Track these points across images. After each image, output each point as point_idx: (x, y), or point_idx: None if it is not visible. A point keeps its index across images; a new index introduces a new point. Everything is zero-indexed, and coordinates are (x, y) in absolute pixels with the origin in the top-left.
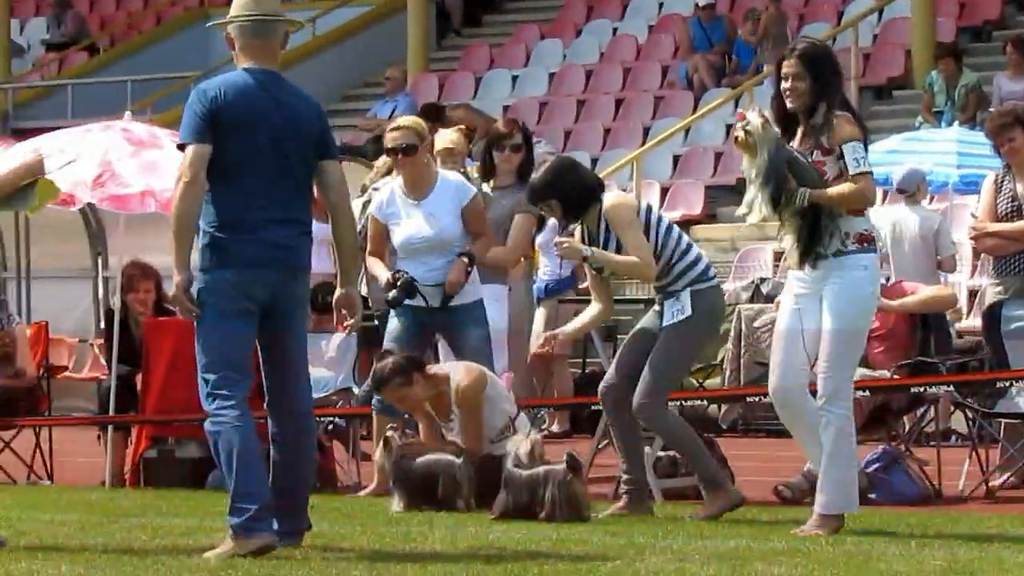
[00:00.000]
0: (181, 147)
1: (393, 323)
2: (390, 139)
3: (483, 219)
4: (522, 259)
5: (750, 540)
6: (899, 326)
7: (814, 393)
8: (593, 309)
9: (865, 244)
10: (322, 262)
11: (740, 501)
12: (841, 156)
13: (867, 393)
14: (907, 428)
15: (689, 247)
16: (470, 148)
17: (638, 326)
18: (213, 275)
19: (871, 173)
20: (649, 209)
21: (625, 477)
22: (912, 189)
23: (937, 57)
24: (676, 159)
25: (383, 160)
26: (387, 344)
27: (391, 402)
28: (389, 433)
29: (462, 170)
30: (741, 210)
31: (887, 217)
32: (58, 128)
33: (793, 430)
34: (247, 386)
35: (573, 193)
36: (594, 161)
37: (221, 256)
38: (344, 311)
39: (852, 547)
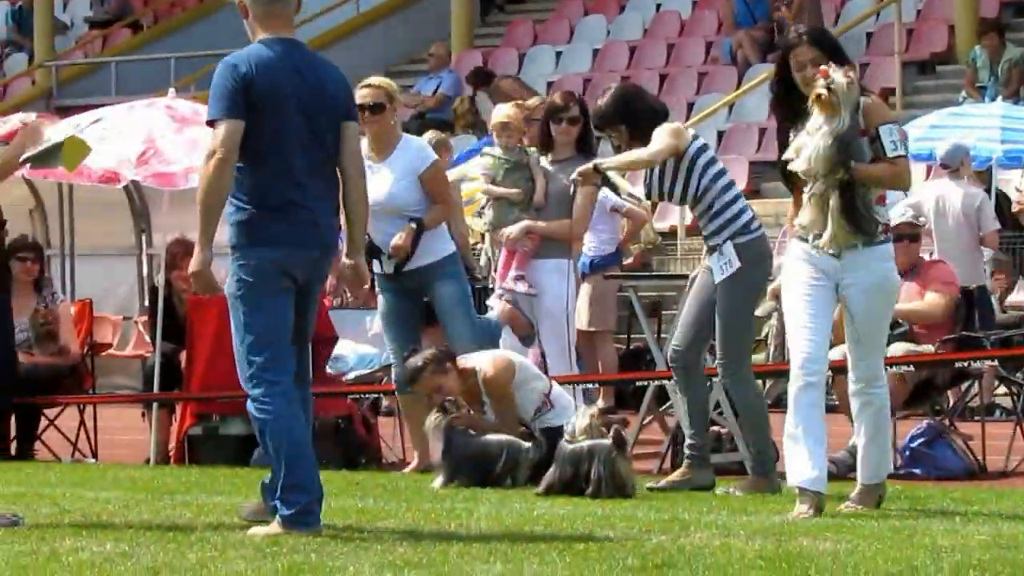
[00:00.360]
0: (211, 123)
1: (381, 302)
2: (359, 96)
3: (443, 186)
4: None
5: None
6: None
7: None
8: None
9: (887, 233)
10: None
11: (778, 490)
12: (876, 137)
13: (911, 368)
14: (951, 403)
15: (735, 199)
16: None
17: (691, 291)
18: (253, 253)
19: (907, 156)
20: (702, 149)
21: (689, 443)
22: (956, 164)
23: (980, 32)
24: (720, 135)
25: (429, 135)
26: (384, 325)
27: (426, 394)
28: (435, 415)
29: (519, 145)
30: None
31: (931, 192)
32: (102, 105)
33: (815, 415)
34: (292, 367)
35: (641, 117)
36: None
37: (261, 235)
38: (351, 283)
39: (897, 522)
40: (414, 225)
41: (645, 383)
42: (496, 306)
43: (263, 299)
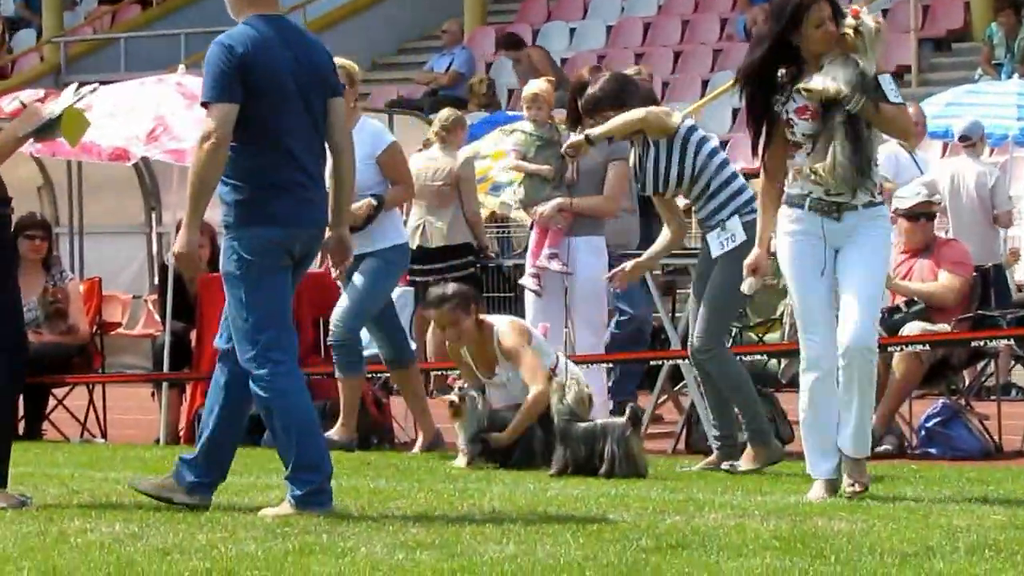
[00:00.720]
0: (204, 104)
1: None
2: None
3: (400, 168)
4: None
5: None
6: None
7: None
8: (665, 234)
9: (883, 195)
10: None
11: (780, 456)
12: (877, 87)
13: (927, 347)
14: (967, 382)
15: (733, 176)
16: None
17: (694, 278)
18: (254, 232)
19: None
20: (693, 128)
21: (716, 433)
22: (976, 137)
23: (997, 9)
24: (735, 112)
25: (447, 112)
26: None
27: (441, 325)
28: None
29: (549, 121)
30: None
31: (946, 169)
32: (111, 82)
33: (829, 404)
34: (295, 345)
35: (632, 105)
36: None
37: (262, 214)
38: (335, 253)
39: (912, 502)
40: (375, 201)
41: (659, 362)
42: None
43: (265, 277)
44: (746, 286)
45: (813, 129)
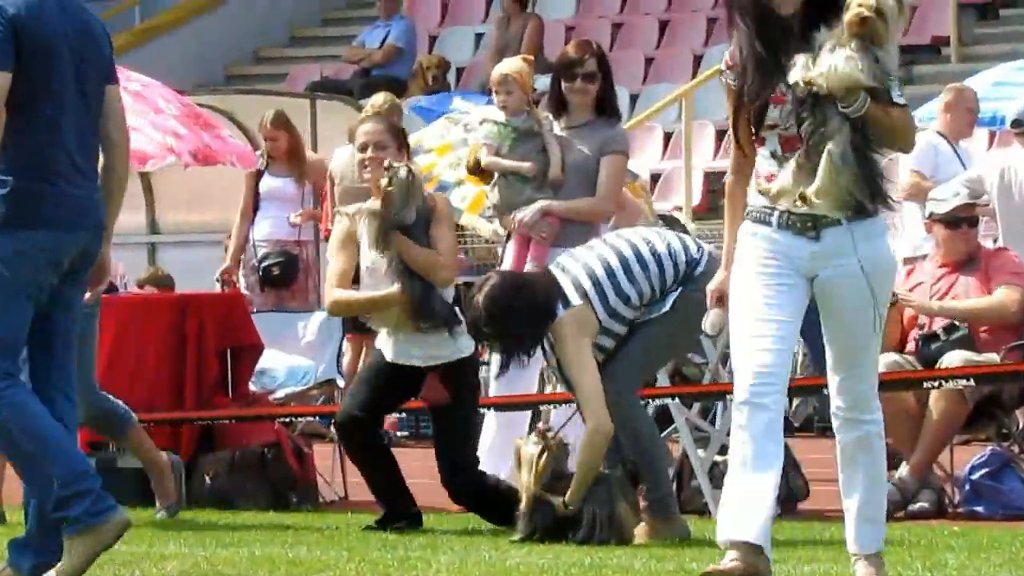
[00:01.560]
0: None
1: None
2: None
3: None
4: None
5: (830, 563)
6: None
7: None
8: None
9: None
10: (276, 225)
11: (685, 533)
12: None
13: (972, 382)
14: (1021, 425)
15: (660, 260)
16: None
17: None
18: (16, 237)
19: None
20: (609, 281)
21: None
22: None
23: None
24: None
25: (382, 98)
26: None
27: (364, 144)
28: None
29: (527, 108)
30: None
31: (994, 163)
32: None
33: (757, 460)
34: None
35: (523, 322)
36: (633, 98)
37: (27, 213)
38: (91, 277)
39: (955, 572)
40: None
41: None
42: None
43: (18, 293)
44: (708, 324)
45: (778, 118)
